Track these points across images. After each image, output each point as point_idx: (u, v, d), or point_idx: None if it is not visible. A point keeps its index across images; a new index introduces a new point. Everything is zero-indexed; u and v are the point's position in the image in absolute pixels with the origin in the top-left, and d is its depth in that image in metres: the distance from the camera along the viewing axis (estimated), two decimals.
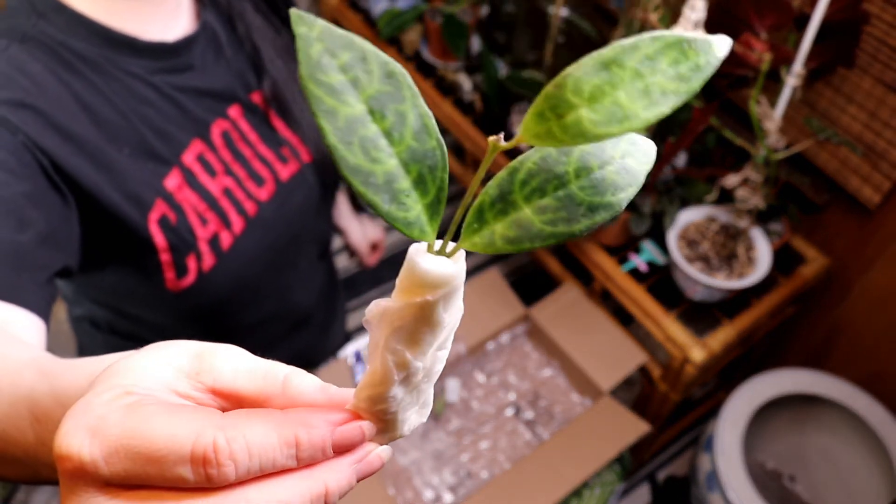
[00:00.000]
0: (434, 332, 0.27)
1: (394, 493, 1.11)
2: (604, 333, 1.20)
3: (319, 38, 0.23)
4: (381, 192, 0.25)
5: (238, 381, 0.27)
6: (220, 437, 0.24)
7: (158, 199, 0.67)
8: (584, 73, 0.23)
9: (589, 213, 0.26)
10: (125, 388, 0.26)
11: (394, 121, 0.25)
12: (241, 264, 0.76)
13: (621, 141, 0.27)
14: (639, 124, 0.23)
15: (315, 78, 0.23)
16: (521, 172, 0.26)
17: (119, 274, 0.72)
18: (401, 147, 0.25)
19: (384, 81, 0.24)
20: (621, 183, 0.26)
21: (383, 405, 0.27)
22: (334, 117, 0.24)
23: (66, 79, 0.62)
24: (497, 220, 0.26)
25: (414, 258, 0.26)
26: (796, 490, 1.37)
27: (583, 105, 0.23)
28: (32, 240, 0.55)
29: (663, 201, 1.13)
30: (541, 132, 0.24)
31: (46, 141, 0.58)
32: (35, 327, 0.52)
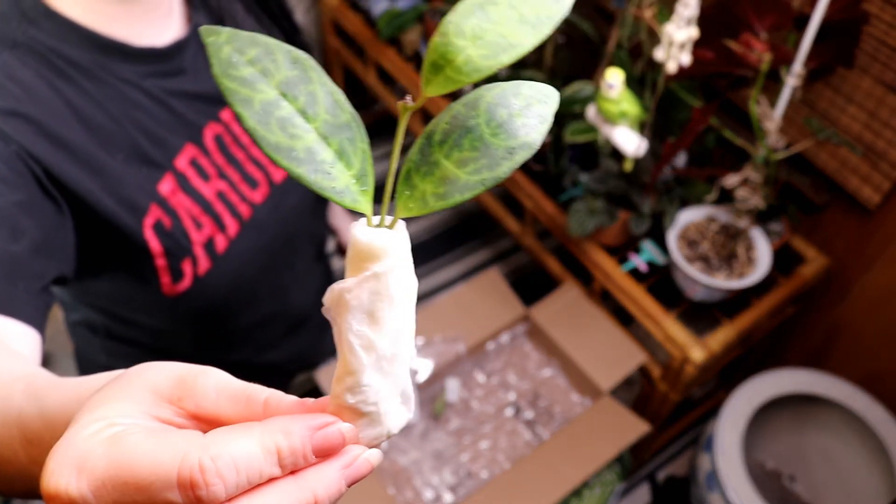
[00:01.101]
0: (392, 307, 0.27)
1: (394, 492, 1.11)
2: (604, 333, 1.20)
3: (227, 41, 0.26)
4: (305, 164, 0.26)
5: (220, 406, 0.28)
6: (204, 458, 0.24)
7: (153, 204, 0.67)
8: (463, 17, 0.26)
9: (508, 155, 0.28)
10: (107, 420, 0.26)
11: (306, 100, 0.27)
12: (237, 267, 0.75)
13: (522, 88, 0.29)
14: (524, 49, 0.25)
15: (227, 74, 0.26)
16: (437, 134, 0.28)
17: (115, 279, 0.72)
18: (317, 122, 0.27)
19: (291, 67, 0.27)
20: (532, 123, 0.28)
21: (361, 395, 0.28)
22: (250, 104, 0.26)
23: (58, 85, 0.62)
24: (425, 182, 0.28)
25: (354, 233, 0.27)
26: (796, 490, 1.37)
27: (469, 45, 0.25)
28: (26, 249, 0.55)
29: (663, 201, 1.13)
30: (440, 80, 0.26)
31: (39, 149, 0.58)
32: (29, 338, 0.52)
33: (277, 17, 0.86)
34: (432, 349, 1.18)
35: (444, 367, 1.18)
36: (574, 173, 1.21)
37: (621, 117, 1.03)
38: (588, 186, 1.14)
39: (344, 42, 1.74)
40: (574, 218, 1.14)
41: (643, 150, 1.05)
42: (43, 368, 0.42)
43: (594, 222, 1.13)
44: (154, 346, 0.83)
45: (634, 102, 1.03)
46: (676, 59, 0.93)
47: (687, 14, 0.90)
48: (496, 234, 1.87)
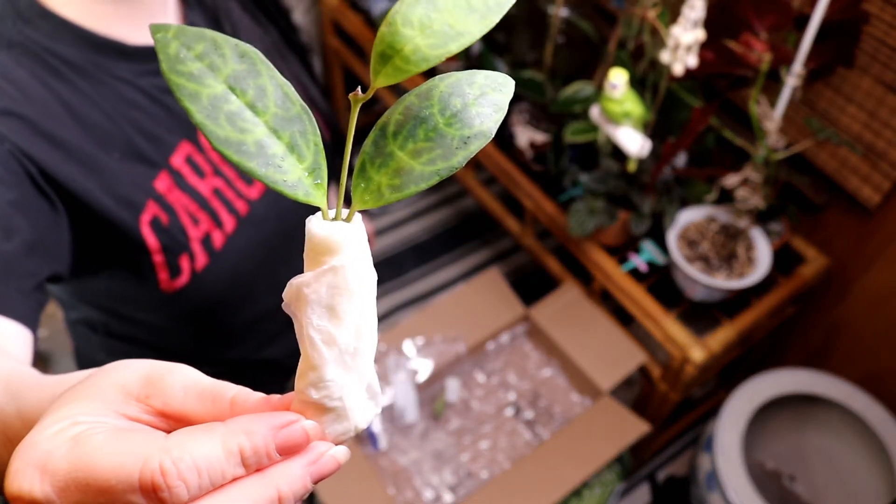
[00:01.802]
0: (351, 301, 0.27)
1: (394, 492, 1.11)
2: (604, 333, 1.20)
3: (175, 37, 0.26)
4: (255, 157, 0.26)
5: (188, 404, 0.28)
6: (165, 460, 0.24)
7: (149, 200, 0.67)
8: (409, 7, 0.25)
9: (462, 144, 0.28)
10: (71, 419, 0.26)
11: (255, 94, 0.27)
12: (235, 263, 0.76)
13: (476, 77, 0.29)
14: (472, 38, 0.25)
15: (175, 69, 0.25)
16: (390, 125, 0.28)
17: (113, 277, 0.72)
18: (266, 116, 0.27)
19: (238, 61, 0.26)
20: (486, 112, 0.28)
21: (325, 391, 0.28)
22: (198, 99, 0.26)
23: (53, 85, 0.62)
24: (380, 174, 0.28)
25: (309, 227, 0.27)
26: (796, 490, 1.37)
27: (416, 34, 0.25)
28: (18, 248, 0.55)
29: (663, 201, 1.13)
30: (389, 71, 0.26)
31: (33, 148, 0.58)
32: (20, 336, 0.52)
33: (273, 16, 0.86)
34: (432, 349, 1.18)
35: (444, 367, 1.18)
36: (574, 173, 1.21)
37: (625, 117, 1.03)
38: (588, 186, 1.14)
39: (344, 42, 1.74)
40: (574, 218, 1.14)
41: (647, 151, 1.05)
42: (27, 367, 0.42)
43: (594, 222, 1.13)
44: (153, 343, 0.83)
45: (638, 102, 1.03)
46: (683, 61, 0.94)
47: (693, 16, 0.90)
48: (496, 234, 1.87)
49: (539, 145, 1.28)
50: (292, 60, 0.87)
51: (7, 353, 0.48)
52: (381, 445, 1.13)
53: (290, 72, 0.85)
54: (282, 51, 0.85)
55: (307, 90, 0.88)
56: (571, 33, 1.25)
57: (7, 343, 0.51)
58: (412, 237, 1.87)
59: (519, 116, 1.32)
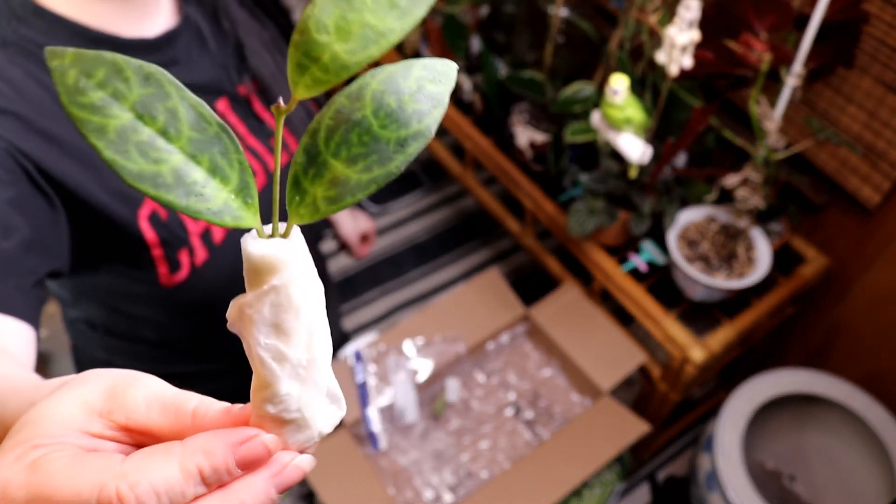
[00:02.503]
0: (298, 317, 0.26)
1: (394, 492, 1.11)
2: (604, 333, 1.20)
3: (73, 64, 0.23)
4: (174, 189, 0.24)
5: (151, 417, 0.27)
6: (122, 486, 0.24)
7: None
8: (323, 9, 0.23)
9: (400, 148, 0.26)
10: (32, 442, 0.26)
11: (166, 119, 0.24)
12: (235, 257, 0.76)
13: (413, 69, 0.26)
14: (396, 37, 0.23)
15: (76, 102, 0.23)
16: (321, 131, 0.26)
17: (113, 272, 0.72)
18: (181, 142, 0.25)
19: (144, 84, 0.24)
20: (424, 109, 0.26)
21: (281, 405, 0.27)
22: (103, 133, 0.23)
23: (47, 82, 0.62)
24: (315, 185, 0.26)
25: (245, 247, 0.26)
26: (796, 490, 1.37)
27: (333, 40, 0.23)
28: (17, 246, 0.55)
29: (663, 201, 1.13)
30: (307, 81, 0.24)
31: (30, 145, 0.59)
32: (21, 333, 0.53)
33: (271, 11, 0.86)
34: (432, 349, 1.18)
35: (444, 367, 1.18)
36: (574, 173, 1.21)
37: (626, 123, 1.03)
38: (588, 186, 1.14)
39: None
40: (574, 218, 1.14)
41: (648, 157, 1.05)
42: (20, 367, 0.42)
43: (594, 222, 1.13)
44: (153, 339, 0.83)
45: (639, 109, 1.03)
46: (678, 62, 0.93)
47: (689, 17, 0.90)
48: (496, 234, 1.87)
49: (539, 145, 1.28)
50: None
51: (6, 351, 0.48)
52: (381, 445, 1.13)
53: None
54: (280, 45, 0.85)
55: None
56: (571, 33, 1.25)
57: (7, 341, 0.51)
58: (412, 237, 1.87)
59: (519, 116, 1.32)
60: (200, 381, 0.88)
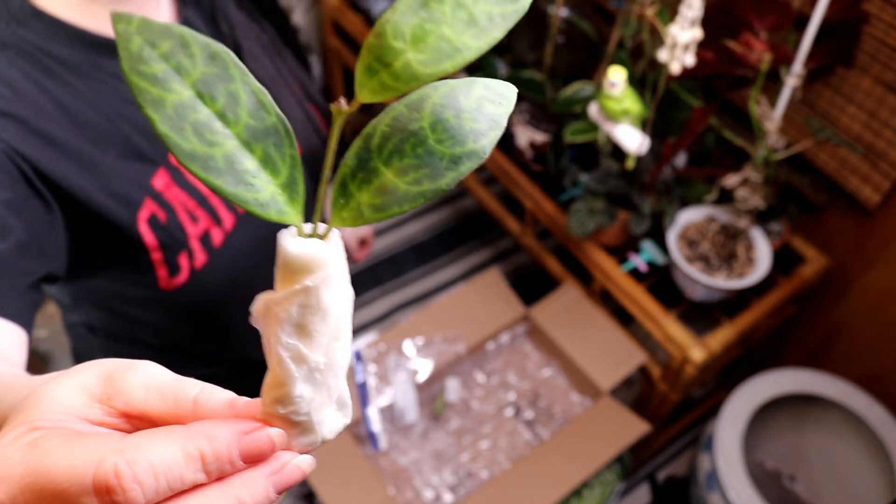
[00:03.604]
0: (324, 320, 0.26)
1: (394, 493, 1.11)
2: (604, 333, 1.20)
3: (138, 32, 0.23)
4: (224, 174, 0.24)
5: (149, 402, 0.27)
6: (120, 462, 0.23)
7: (147, 198, 0.67)
8: (403, 16, 0.23)
9: (453, 165, 0.25)
10: (30, 424, 0.25)
11: (226, 102, 0.24)
12: (234, 260, 0.76)
13: (474, 87, 0.26)
14: (472, 55, 0.23)
15: (137, 70, 0.23)
16: (375, 137, 0.25)
17: (112, 275, 0.72)
18: (238, 127, 0.24)
19: (208, 63, 0.23)
20: (482, 129, 0.25)
21: (291, 406, 0.26)
22: (161, 106, 0.23)
23: (47, 85, 0.62)
24: (362, 191, 0.26)
25: (282, 244, 0.25)
26: (796, 490, 1.37)
27: (408, 48, 0.23)
28: (12, 248, 0.55)
29: (663, 201, 1.13)
30: (375, 86, 0.23)
31: (27, 148, 0.59)
32: (13, 335, 0.52)
33: (269, 13, 0.86)
34: (432, 349, 1.18)
35: (444, 367, 1.18)
36: (574, 173, 1.21)
37: (624, 115, 1.03)
38: (588, 186, 1.14)
39: (344, 42, 1.74)
40: (574, 218, 1.14)
41: (645, 148, 1.05)
42: (12, 366, 0.42)
43: (594, 222, 1.13)
44: (153, 343, 0.83)
45: (636, 100, 1.03)
46: (680, 60, 0.94)
47: (691, 15, 0.90)
48: (496, 234, 1.87)
49: (539, 145, 1.28)
50: (289, 57, 0.87)
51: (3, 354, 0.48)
52: (381, 445, 1.13)
53: (287, 68, 0.85)
54: (279, 47, 0.85)
55: (306, 87, 0.88)
56: (571, 33, 1.25)
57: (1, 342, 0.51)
58: (412, 237, 1.87)
59: (519, 116, 1.32)
60: None
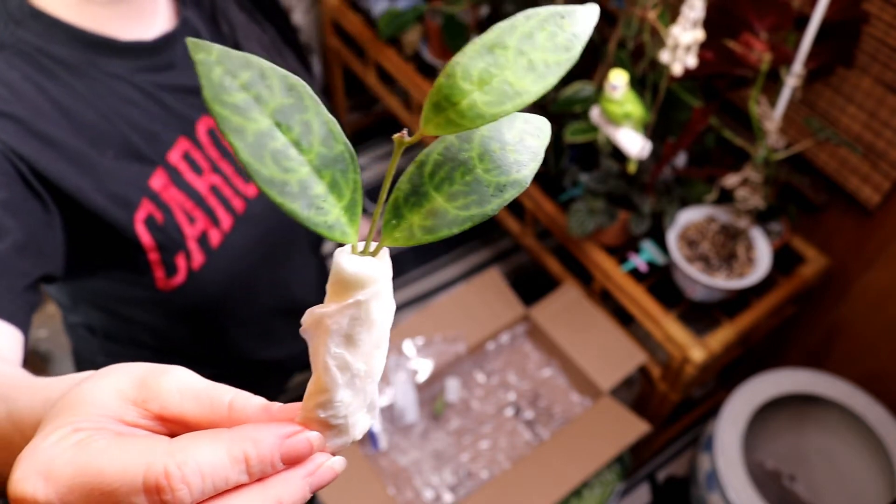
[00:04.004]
0: (370, 332, 0.28)
1: (394, 493, 1.11)
2: (604, 333, 1.20)
3: (219, 62, 0.24)
4: (298, 199, 0.26)
5: (184, 406, 0.28)
6: (170, 464, 0.25)
7: (144, 198, 0.67)
8: (471, 59, 0.25)
9: (498, 192, 0.27)
10: (73, 426, 0.26)
11: (300, 130, 0.26)
12: (232, 261, 0.76)
13: (516, 121, 0.28)
14: (530, 98, 0.25)
15: (219, 99, 0.24)
16: (428, 165, 0.28)
17: (110, 276, 0.72)
18: (311, 155, 0.26)
19: (286, 94, 0.25)
20: (524, 160, 0.28)
21: (332, 410, 0.28)
22: (242, 134, 0.24)
23: (45, 85, 0.62)
24: (413, 213, 0.28)
25: (339, 261, 0.27)
26: (796, 490, 1.37)
27: (474, 89, 0.24)
28: (8, 248, 0.55)
29: (663, 201, 1.13)
30: (440, 122, 0.25)
31: (25, 148, 0.58)
32: (10, 336, 0.52)
33: (270, 13, 0.86)
34: (432, 349, 1.18)
35: (444, 367, 1.18)
36: (574, 173, 1.21)
37: (625, 118, 1.03)
38: (588, 186, 1.14)
39: (344, 42, 1.74)
40: (574, 218, 1.14)
41: (647, 152, 1.05)
42: (16, 368, 0.42)
43: (594, 222, 1.13)
44: (152, 343, 0.83)
45: (638, 104, 1.03)
46: (682, 61, 0.93)
47: (693, 16, 0.90)
48: (496, 234, 1.87)
49: None
50: (290, 57, 0.87)
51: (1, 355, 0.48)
52: (381, 445, 1.13)
53: (288, 68, 0.85)
54: (279, 48, 0.85)
55: None
56: None
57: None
58: None
59: None
60: None
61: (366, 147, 2.06)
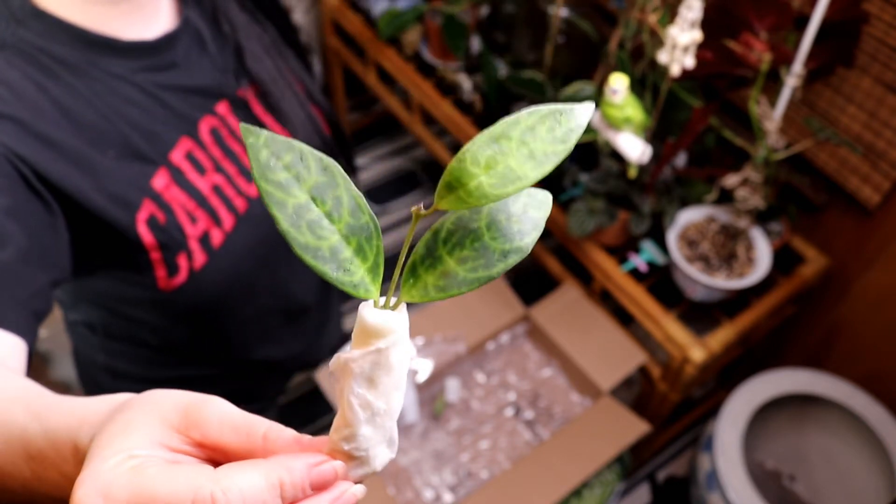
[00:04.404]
0: (390, 375, 0.31)
1: (394, 492, 1.11)
2: (604, 333, 1.20)
3: (265, 145, 0.28)
4: (329, 262, 0.29)
5: (224, 436, 0.31)
6: (216, 490, 0.28)
7: (146, 199, 0.67)
8: (479, 148, 0.28)
9: (503, 257, 0.31)
10: (128, 453, 0.29)
11: (332, 204, 0.30)
12: (233, 261, 0.76)
13: (521, 195, 0.32)
14: (529, 182, 0.28)
15: (266, 177, 0.28)
16: (442, 232, 0.31)
17: (112, 276, 0.72)
18: (340, 224, 0.30)
19: (321, 174, 0.29)
20: (526, 229, 0.32)
21: (355, 443, 0.31)
22: (284, 207, 0.29)
23: (46, 85, 0.62)
24: (428, 274, 0.31)
25: (363, 314, 0.30)
26: (796, 490, 1.37)
27: (481, 173, 0.28)
28: (12, 256, 0.55)
29: (663, 201, 1.13)
30: (452, 199, 0.29)
31: (26, 150, 0.58)
32: (14, 348, 0.52)
33: (271, 14, 0.86)
34: (432, 349, 1.18)
35: (444, 367, 1.18)
36: (574, 173, 1.21)
37: (625, 123, 1.03)
38: (588, 186, 1.14)
39: (344, 42, 1.74)
40: (574, 218, 1.14)
41: (647, 157, 1.05)
42: (33, 382, 0.43)
43: (594, 222, 1.13)
44: (153, 343, 0.83)
45: (639, 108, 1.03)
46: (680, 61, 0.93)
47: (690, 17, 0.90)
48: None
49: None
50: (290, 57, 0.87)
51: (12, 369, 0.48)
52: None
53: (289, 69, 0.85)
54: (280, 48, 0.85)
55: (308, 87, 0.88)
56: (571, 33, 1.25)
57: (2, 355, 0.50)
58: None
59: None
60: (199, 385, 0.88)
61: (366, 147, 2.06)
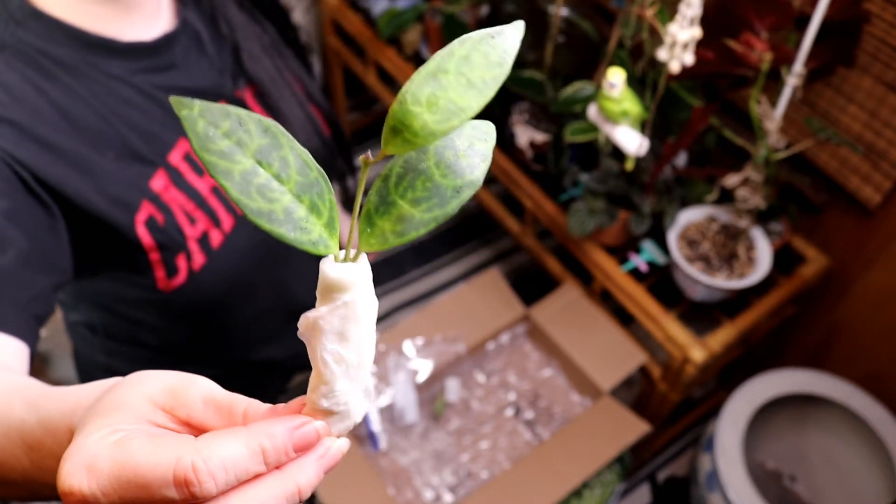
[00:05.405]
0: (358, 326, 0.31)
1: (394, 493, 1.11)
2: (604, 333, 1.20)
3: (201, 115, 0.28)
4: (285, 224, 0.29)
5: (207, 415, 0.32)
6: (197, 459, 0.28)
7: (144, 200, 0.67)
8: (418, 86, 0.28)
9: (456, 193, 0.31)
10: (112, 427, 0.30)
11: (279, 165, 0.29)
12: (233, 262, 0.75)
13: (465, 129, 0.32)
14: (473, 112, 0.28)
15: (206, 148, 0.28)
16: (392, 177, 0.31)
17: (111, 277, 0.72)
18: (290, 184, 0.30)
19: (263, 136, 0.29)
20: (475, 163, 0.32)
21: (333, 399, 0.32)
22: (231, 175, 0.28)
23: (45, 87, 0.62)
24: (384, 220, 0.31)
25: (324, 270, 0.30)
26: (796, 490, 1.37)
27: (425, 111, 0.28)
28: (12, 260, 0.55)
29: (663, 201, 1.13)
30: (398, 142, 0.29)
31: (25, 153, 0.58)
32: (15, 350, 0.52)
33: (270, 13, 0.86)
34: (432, 349, 1.18)
35: (444, 367, 1.18)
36: (574, 173, 1.21)
37: (623, 116, 1.03)
38: (588, 186, 1.14)
39: (344, 42, 1.73)
40: (574, 218, 1.13)
41: (644, 150, 1.05)
42: (32, 378, 0.43)
43: (594, 222, 1.13)
44: (153, 343, 0.83)
45: (636, 102, 1.02)
46: (680, 59, 0.93)
47: (690, 14, 0.90)
48: (496, 234, 1.87)
49: (539, 145, 1.28)
50: (290, 57, 0.87)
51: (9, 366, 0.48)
52: (381, 445, 1.13)
53: (288, 69, 0.85)
54: (279, 48, 0.85)
55: (307, 87, 0.88)
56: (571, 33, 1.25)
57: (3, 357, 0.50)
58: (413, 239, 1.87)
59: (519, 116, 1.32)
60: None
61: (366, 147, 2.06)
